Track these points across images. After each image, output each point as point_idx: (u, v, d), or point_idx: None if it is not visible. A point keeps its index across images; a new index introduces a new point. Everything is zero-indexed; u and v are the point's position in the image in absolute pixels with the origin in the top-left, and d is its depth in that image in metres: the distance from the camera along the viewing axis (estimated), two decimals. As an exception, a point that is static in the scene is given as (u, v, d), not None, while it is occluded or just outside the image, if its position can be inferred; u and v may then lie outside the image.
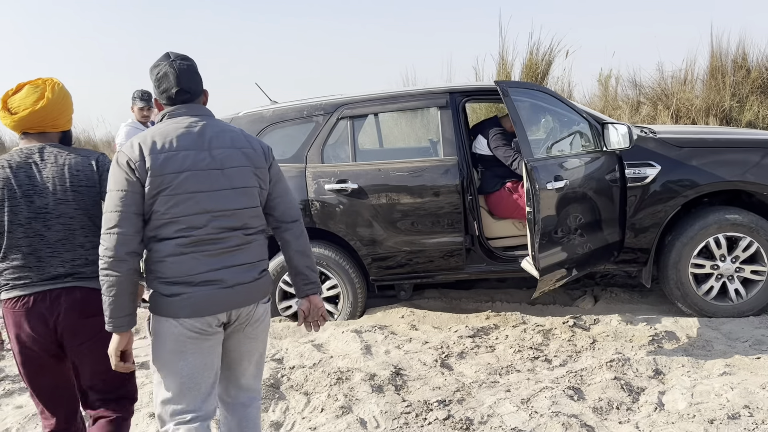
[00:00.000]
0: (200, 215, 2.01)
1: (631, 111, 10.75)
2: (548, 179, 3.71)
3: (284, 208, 2.24)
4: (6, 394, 3.52)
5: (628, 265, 4.25)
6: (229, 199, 2.06)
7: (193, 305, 1.99)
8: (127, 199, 1.95)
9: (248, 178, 2.11)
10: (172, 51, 2.15)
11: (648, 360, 3.34)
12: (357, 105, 4.44)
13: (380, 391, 3.18)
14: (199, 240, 2.01)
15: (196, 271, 2.00)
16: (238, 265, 2.07)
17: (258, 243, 2.15)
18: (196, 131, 2.06)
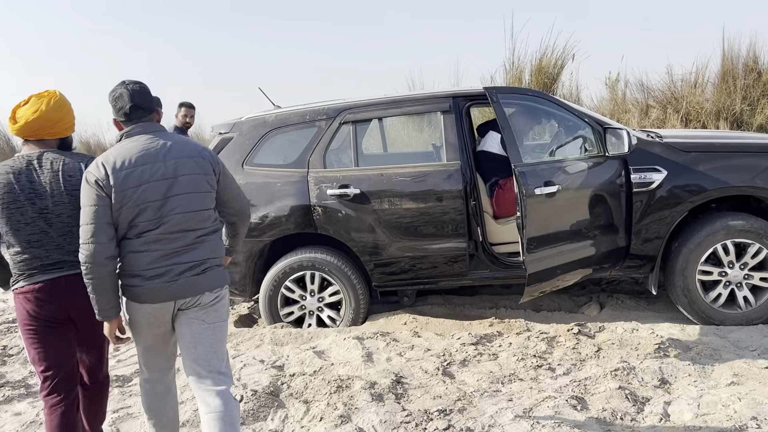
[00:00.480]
0: (155, 220, 2.32)
1: (640, 115, 10.66)
2: (537, 184, 3.73)
3: (240, 207, 2.65)
4: (5, 400, 3.51)
5: (635, 271, 4.19)
6: (182, 203, 2.35)
7: (146, 293, 2.33)
8: (98, 213, 2.26)
9: (199, 184, 2.40)
10: (127, 78, 2.47)
11: (654, 369, 3.28)
12: (359, 110, 4.41)
13: (380, 399, 3.14)
14: (154, 240, 2.32)
15: (149, 267, 2.32)
16: (185, 262, 2.36)
17: (209, 242, 2.44)
18: (151, 146, 2.37)
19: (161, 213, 2.32)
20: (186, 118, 6.26)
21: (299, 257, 4.34)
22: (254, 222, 4.30)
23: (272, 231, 4.32)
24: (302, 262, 4.33)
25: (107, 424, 3.08)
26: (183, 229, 2.35)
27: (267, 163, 4.41)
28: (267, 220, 4.29)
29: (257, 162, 4.40)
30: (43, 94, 2.59)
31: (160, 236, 2.32)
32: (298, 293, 4.40)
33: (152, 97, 2.50)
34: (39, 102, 2.54)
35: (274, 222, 4.29)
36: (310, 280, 4.36)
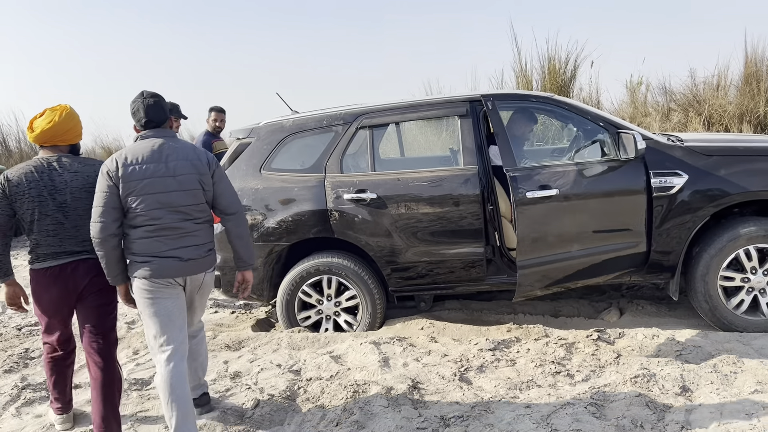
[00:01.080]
0: (158, 210, 2.78)
1: (661, 118, 10.54)
2: (530, 188, 3.83)
3: (226, 204, 3.01)
4: (27, 403, 3.55)
5: (655, 276, 4.13)
6: (179, 197, 2.82)
7: (158, 269, 2.78)
8: (107, 198, 2.75)
9: (194, 182, 2.87)
10: (145, 90, 2.93)
11: (675, 376, 3.22)
12: (376, 114, 4.41)
13: (396, 405, 3.12)
14: (159, 228, 2.79)
15: (159, 250, 2.80)
16: (189, 246, 2.86)
17: (204, 230, 2.94)
18: (157, 149, 2.83)
19: (161, 205, 2.78)
20: (216, 122, 6.37)
21: (316, 262, 4.35)
22: (271, 226, 4.32)
23: (289, 235, 4.33)
24: (319, 266, 4.33)
25: (126, 427, 3.10)
26: (182, 220, 2.83)
27: (284, 167, 4.43)
28: (284, 224, 4.31)
29: (275, 167, 4.43)
30: (56, 107, 3.05)
31: (163, 226, 2.79)
32: (315, 298, 4.40)
33: (165, 110, 2.96)
34: (53, 114, 3.01)
35: (291, 226, 4.31)
36: (327, 284, 4.37)
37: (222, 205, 3.00)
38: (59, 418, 3.20)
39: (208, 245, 2.95)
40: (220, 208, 3.00)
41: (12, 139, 16.52)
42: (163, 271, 2.79)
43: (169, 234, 2.80)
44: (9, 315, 5.69)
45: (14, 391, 3.67)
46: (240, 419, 3.12)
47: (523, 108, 4.47)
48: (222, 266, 4.47)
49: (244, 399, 3.32)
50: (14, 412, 3.44)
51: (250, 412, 3.17)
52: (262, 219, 4.34)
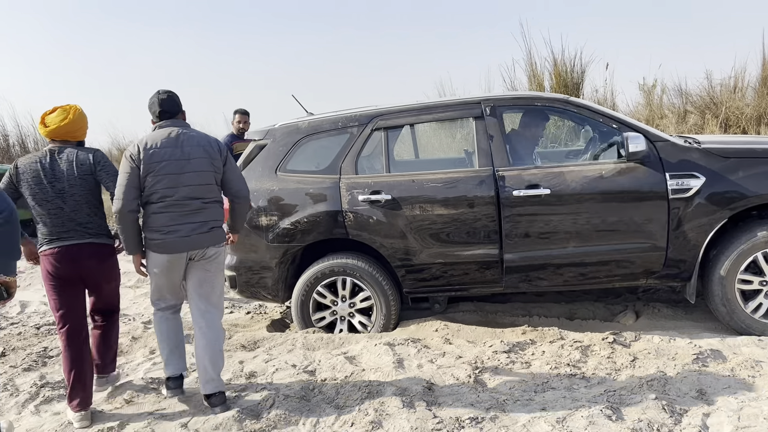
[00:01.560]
0: (171, 188, 3.19)
1: (677, 120, 10.46)
2: (517, 187, 4.02)
3: (236, 189, 3.41)
4: (45, 401, 3.59)
5: (672, 280, 4.10)
6: (192, 178, 3.22)
7: (164, 246, 3.21)
8: (129, 178, 3.17)
9: (205, 165, 3.25)
10: (161, 88, 3.40)
11: (692, 380, 3.20)
12: (391, 116, 4.42)
13: (411, 406, 3.13)
14: (171, 204, 3.20)
15: (166, 224, 3.20)
16: (195, 222, 3.24)
17: (212, 208, 3.31)
18: (173, 136, 3.25)
19: (175, 184, 3.19)
20: (240, 124, 6.50)
21: (331, 263, 4.36)
22: (286, 227, 4.35)
23: (304, 236, 4.35)
24: (334, 267, 4.35)
25: (142, 426, 3.13)
26: (191, 197, 3.22)
27: (300, 169, 4.45)
28: (299, 225, 4.33)
29: (290, 168, 4.45)
30: (67, 107, 3.41)
31: (174, 202, 3.20)
32: (330, 298, 4.42)
33: (177, 103, 3.38)
34: (65, 112, 3.38)
35: (306, 227, 4.33)
36: (342, 285, 4.38)
37: (233, 190, 3.40)
38: (77, 415, 3.24)
39: (212, 223, 3.30)
40: (232, 192, 3.41)
41: (30, 140, 16.80)
42: (167, 246, 3.21)
43: (178, 210, 3.20)
44: (28, 314, 5.76)
45: (33, 389, 3.72)
46: (256, 419, 3.14)
47: (534, 110, 4.48)
48: (237, 267, 4.50)
49: (259, 399, 3.34)
50: (33, 410, 3.49)
51: (265, 412, 3.19)
52: (277, 220, 4.37)
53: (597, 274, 4.12)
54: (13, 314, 5.79)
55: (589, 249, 4.04)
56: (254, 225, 4.41)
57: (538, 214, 4.05)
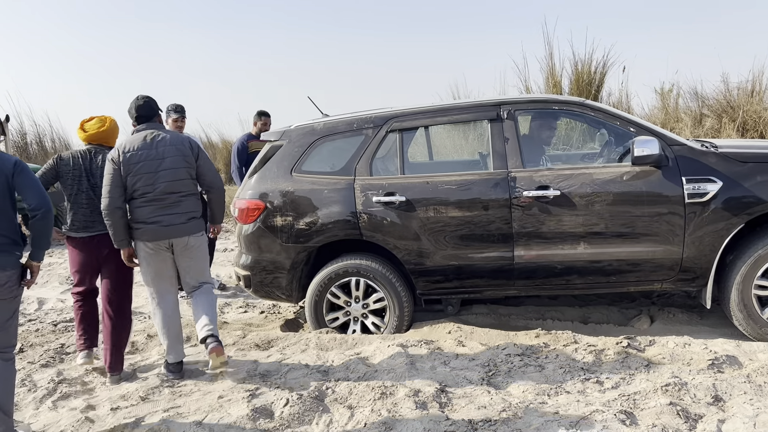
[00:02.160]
0: (150, 185, 3.68)
1: (693, 124, 10.38)
2: (528, 188, 4.05)
3: (209, 181, 3.92)
4: (62, 396, 3.65)
5: (687, 284, 4.07)
6: (167, 175, 3.71)
7: (147, 233, 3.71)
8: (112, 179, 3.67)
9: (179, 163, 3.75)
10: (140, 94, 3.91)
11: (707, 385, 3.18)
12: (406, 118, 4.43)
13: (424, 407, 3.13)
14: (151, 199, 3.70)
15: (148, 216, 3.70)
16: (172, 213, 3.73)
17: (189, 201, 3.82)
18: (148, 139, 3.76)
19: (153, 181, 3.68)
20: (265, 126, 6.55)
21: (345, 263, 4.38)
22: (301, 228, 4.37)
23: (318, 237, 4.37)
24: (348, 268, 4.37)
25: (157, 422, 3.17)
26: (168, 192, 3.72)
27: (314, 170, 4.47)
28: (314, 226, 4.35)
29: (305, 169, 4.47)
30: (104, 117, 4.06)
31: (154, 197, 3.69)
32: (343, 299, 4.44)
33: (153, 108, 3.89)
34: (102, 122, 4.02)
35: (320, 228, 4.35)
36: (355, 286, 4.40)
37: (206, 182, 3.91)
38: (82, 353, 3.99)
39: (190, 214, 3.80)
40: (206, 184, 3.92)
41: (47, 138, 16.99)
42: (150, 235, 3.70)
43: (157, 203, 3.70)
44: (45, 311, 5.83)
45: (50, 385, 3.77)
46: (270, 418, 3.16)
47: (548, 113, 4.48)
48: (252, 266, 4.53)
49: (273, 398, 3.37)
50: (50, 406, 3.54)
51: (279, 410, 3.21)
52: (292, 220, 4.39)
53: (611, 277, 4.11)
54: (31, 311, 5.87)
55: (604, 252, 4.03)
56: (269, 225, 4.44)
57: (552, 216, 4.04)
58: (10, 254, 2.94)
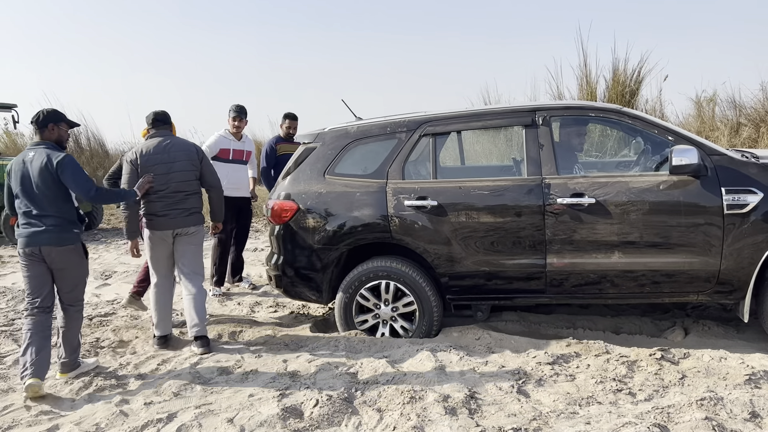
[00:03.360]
0: (163, 184, 4.39)
1: (730, 133, 10.18)
2: (562, 195, 4.03)
3: (210, 181, 4.61)
4: (98, 389, 3.73)
5: (724, 297, 3.99)
6: (177, 176, 4.42)
7: (157, 224, 4.42)
8: (130, 179, 4.38)
9: (187, 166, 4.46)
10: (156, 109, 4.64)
11: (744, 401, 3.11)
12: (440, 122, 4.43)
13: (453, 413, 3.13)
14: (162, 196, 4.40)
15: (160, 210, 4.41)
16: (180, 209, 4.44)
17: (193, 198, 4.52)
18: (162, 144, 4.45)
19: (166, 180, 4.38)
20: (290, 130, 6.64)
21: (375, 266, 4.39)
22: (332, 230, 4.40)
23: (349, 239, 4.40)
24: (378, 271, 4.38)
25: (190, 419, 3.21)
26: (177, 191, 4.42)
27: (347, 172, 4.50)
28: (345, 228, 4.38)
29: (338, 171, 4.50)
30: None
31: (165, 194, 4.39)
32: (373, 302, 4.45)
33: (168, 117, 4.63)
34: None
35: (351, 230, 4.37)
36: (385, 289, 4.40)
37: (207, 182, 4.59)
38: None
39: (192, 210, 4.50)
40: (207, 184, 4.59)
41: (83, 137, 17.36)
42: (160, 225, 4.41)
43: (168, 199, 4.40)
44: (80, 305, 5.96)
45: (87, 378, 3.86)
46: (299, 418, 3.18)
47: (582, 119, 4.45)
48: (282, 267, 4.57)
49: (303, 398, 3.39)
50: (86, 398, 3.62)
51: (308, 411, 3.23)
52: (323, 222, 4.43)
53: (645, 288, 4.05)
54: (67, 304, 6.00)
55: (639, 262, 3.98)
56: (301, 226, 4.48)
57: (586, 224, 4.00)
58: (69, 232, 3.88)
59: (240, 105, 6.23)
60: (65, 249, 3.84)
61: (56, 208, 3.82)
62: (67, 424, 3.28)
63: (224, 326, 4.96)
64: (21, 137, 16.40)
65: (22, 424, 3.32)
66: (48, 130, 3.90)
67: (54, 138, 3.93)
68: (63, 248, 3.83)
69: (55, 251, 3.81)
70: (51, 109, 3.95)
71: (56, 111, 3.96)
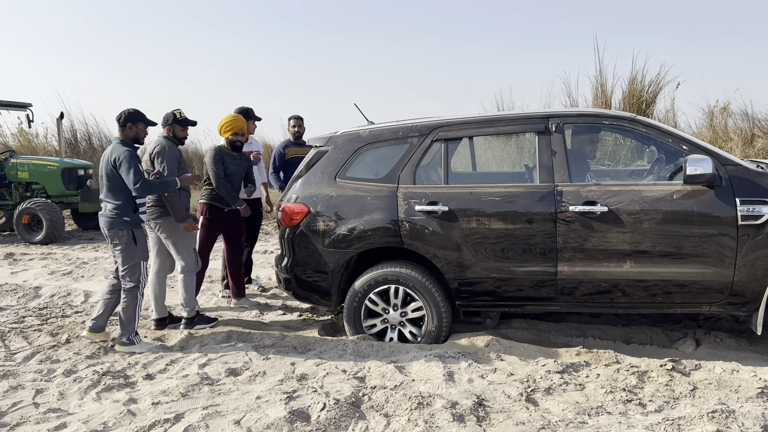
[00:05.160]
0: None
1: (743, 144, 10.11)
2: (574, 203, 4.00)
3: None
4: (106, 388, 3.73)
5: (737, 309, 3.95)
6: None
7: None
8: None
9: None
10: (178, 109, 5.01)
11: (756, 414, 3.06)
12: (452, 128, 4.42)
13: (461, 420, 3.11)
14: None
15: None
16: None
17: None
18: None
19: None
20: (295, 128, 6.73)
21: (385, 271, 4.38)
22: (343, 233, 4.40)
23: (360, 243, 4.39)
24: (387, 275, 4.37)
25: (197, 419, 3.21)
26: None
27: (358, 176, 4.50)
28: (355, 232, 4.37)
29: (349, 175, 4.50)
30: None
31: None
32: (382, 306, 4.44)
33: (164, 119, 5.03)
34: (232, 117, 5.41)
35: (361, 234, 4.36)
36: (394, 294, 4.39)
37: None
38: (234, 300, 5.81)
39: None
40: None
41: (95, 137, 17.53)
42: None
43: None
44: (91, 304, 5.99)
45: (95, 377, 3.87)
46: (306, 421, 3.17)
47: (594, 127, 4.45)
48: (293, 269, 4.57)
49: (310, 402, 3.38)
50: (94, 397, 3.63)
51: (316, 415, 3.22)
52: (334, 226, 4.42)
53: (657, 297, 4.01)
54: (78, 303, 6.04)
55: (651, 271, 3.94)
56: (311, 229, 4.48)
57: (598, 233, 3.97)
58: (120, 219, 4.47)
59: (246, 108, 6.16)
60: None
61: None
62: (75, 422, 3.29)
63: (233, 328, 4.96)
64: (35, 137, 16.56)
65: (30, 422, 3.33)
66: (126, 128, 4.58)
67: (131, 136, 4.61)
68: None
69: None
70: (132, 110, 4.60)
71: (137, 111, 4.60)
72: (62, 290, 6.57)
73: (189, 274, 4.99)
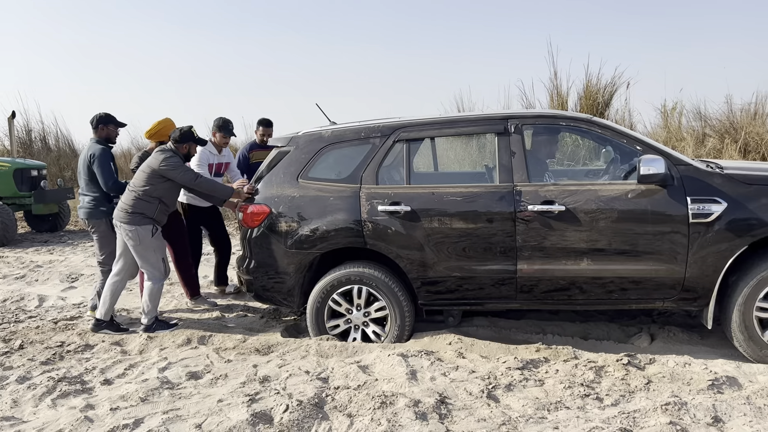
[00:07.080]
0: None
1: (695, 143, 10.43)
2: (533, 202, 4.08)
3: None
4: (62, 395, 3.64)
5: (689, 304, 4.08)
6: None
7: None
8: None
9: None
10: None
11: (707, 405, 3.18)
12: (414, 128, 4.45)
13: (424, 418, 3.13)
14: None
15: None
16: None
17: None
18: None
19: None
20: (264, 137, 6.71)
21: (347, 271, 4.39)
22: (305, 234, 4.38)
23: (322, 244, 4.38)
24: (350, 276, 4.37)
25: (157, 424, 3.16)
26: None
27: (321, 177, 4.49)
28: (318, 233, 4.36)
29: (312, 176, 4.49)
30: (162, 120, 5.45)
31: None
32: (345, 307, 4.44)
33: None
34: (161, 123, 5.43)
35: (324, 235, 4.36)
36: (357, 294, 4.40)
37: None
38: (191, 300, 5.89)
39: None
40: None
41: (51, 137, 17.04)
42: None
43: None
44: (45, 309, 5.83)
45: (50, 383, 3.77)
46: (269, 423, 3.16)
47: (553, 128, 4.53)
48: (254, 271, 4.54)
49: (273, 404, 3.36)
50: (50, 404, 3.54)
51: (278, 416, 3.21)
52: (296, 226, 4.41)
53: (613, 294, 4.12)
54: (32, 308, 5.87)
55: (607, 269, 4.05)
56: (274, 230, 4.45)
57: (556, 231, 4.06)
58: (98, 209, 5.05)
59: (226, 119, 6.05)
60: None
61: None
62: (29, 430, 3.20)
63: (194, 331, 4.89)
64: None
65: (-18, 431, 3.23)
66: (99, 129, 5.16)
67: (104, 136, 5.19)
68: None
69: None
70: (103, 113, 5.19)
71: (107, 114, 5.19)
72: (15, 295, 6.38)
73: (156, 282, 4.91)
